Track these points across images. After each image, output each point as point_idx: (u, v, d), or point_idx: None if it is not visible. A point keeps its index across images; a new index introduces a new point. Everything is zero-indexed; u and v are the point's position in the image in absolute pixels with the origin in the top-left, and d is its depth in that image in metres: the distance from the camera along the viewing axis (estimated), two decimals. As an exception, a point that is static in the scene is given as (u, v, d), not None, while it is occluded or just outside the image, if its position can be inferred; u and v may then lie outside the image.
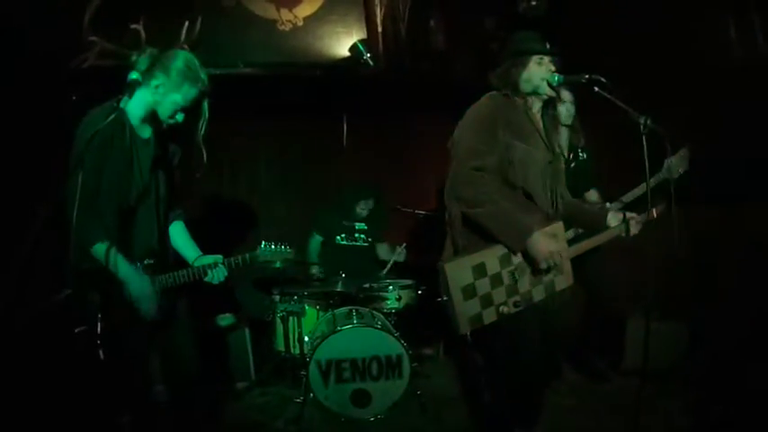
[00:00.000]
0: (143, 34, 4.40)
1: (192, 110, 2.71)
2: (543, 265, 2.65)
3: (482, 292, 2.67)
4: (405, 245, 5.01)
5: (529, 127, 2.85)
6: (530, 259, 2.68)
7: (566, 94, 4.00)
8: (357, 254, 5.08)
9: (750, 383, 3.65)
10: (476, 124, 2.81)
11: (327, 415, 3.80)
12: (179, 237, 3.01)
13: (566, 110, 4.00)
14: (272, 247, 3.22)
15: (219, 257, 2.95)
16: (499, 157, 2.75)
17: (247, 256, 3.09)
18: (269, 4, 4.73)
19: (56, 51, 4.24)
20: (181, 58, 2.62)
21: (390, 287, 4.45)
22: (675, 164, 3.57)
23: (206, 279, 2.90)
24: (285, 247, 3.26)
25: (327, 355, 3.80)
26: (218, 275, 2.91)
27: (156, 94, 2.62)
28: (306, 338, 4.17)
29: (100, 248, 2.54)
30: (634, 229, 2.89)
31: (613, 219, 2.93)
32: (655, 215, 2.97)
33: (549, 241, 2.65)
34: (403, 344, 3.86)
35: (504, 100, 2.86)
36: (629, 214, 2.92)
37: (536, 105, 2.92)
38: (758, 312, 3.89)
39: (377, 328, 3.88)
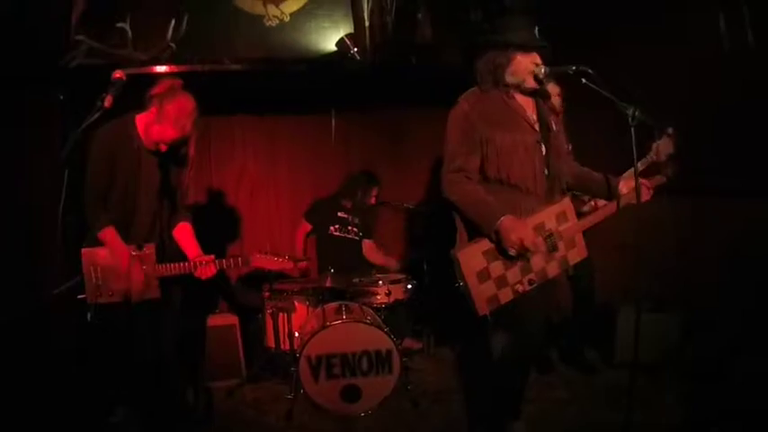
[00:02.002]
0: (130, 33, 4.41)
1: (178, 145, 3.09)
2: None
3: (496, 275, 2.75)
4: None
5: (509, 114, 2.86)
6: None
7: (553, 87, 3.99)
8: (347, 247, 5.09)
9: (743, 376, 3.65)
10: (452, 128, 2.89)
11: (318, 411, 3.81)
12: (183, 236, 3.30)
13: (556, 104, 3.98)
14: (268, 257, 3.44)
15: (212, 257, 3.22)
16: (480, 153, 2.81)
17: (240, 260, 3.35)
18: (255, 0, 4.71)
19: (43, 50, 4.22)
20: (175, 103, 2.95)
21: (380, 282, 4.45)
22: (662, 146, 3.54)
23: (195, 275, 3.18)
24: (285, 258, 3.48)
25: (317, 350, 3.80)
26: (206, 272, 3.18)
27: (149, 120, 3.00)
28: (296, 334, 4.18)
29: (107, 231, 3.02)
30: (645, 196, 2.91)
31: (625, 186, 2.95)
32: (666, 179, 3.00)
33: (520, 228, 2.65)
34: (393, 339, 3.87)
35: (479, 95, 2.88)
36: (640, 180, 2.88)
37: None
38: (750, 304, 3.88)
39: (366, 323, 3.89)
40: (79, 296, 3.05)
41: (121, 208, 3.09)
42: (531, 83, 2.85)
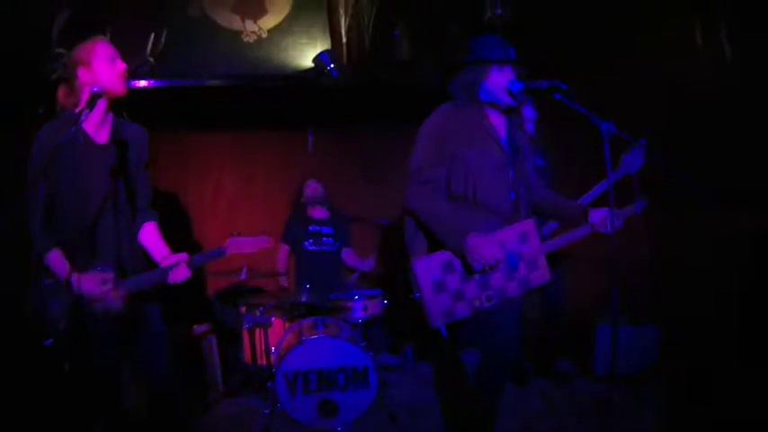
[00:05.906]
0: (109, 46, 4.39)
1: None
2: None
3: (453, 288, 2.74)
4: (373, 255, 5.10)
5: (481, 133, 2.88)
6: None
7: (529, 112, 4.05)
8: (325, 259, 5.10)
9: (723, 387, 3.69)
10: (423, 139, 2.89)
11: (295, 426, 3.80)
12: (148, 237, 2.93)
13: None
14: (243, 239, 3.07)
15: (184, 256, 2.83)
16: (448, 168, 2.82)
17: (214, 251, 2.99)
18: (234, 16, 4.73)
19: (22, 63, 4.21)
20: (88, 50, 2.76)
21: (357, 297, 4.44)
22: (632, 158, 3.59)
23: (169, 281, 2.79)
24: (261, 235, 3.13)
25: (294, 366, 3.79)
26: (180, 275, 2.80)
27: (91, 82, 2.69)
28: (272, 350, 4.16)
29: (51, 256, 2.60)
30: (615, 224, 2.83)
31: (595, 215, 2.92)
32: (638, 210, 2.98)
33: (486, 244, 2.67)
34: (369, 354, 3.88)
35: (454, 111, 2.90)
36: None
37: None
38: (728, 316, 3.93)
39: (343, 339, 3.89)
40: (46, 342, 2.58)
41: (75, 226, 2.69)
42: (505, 99, 2.88)
